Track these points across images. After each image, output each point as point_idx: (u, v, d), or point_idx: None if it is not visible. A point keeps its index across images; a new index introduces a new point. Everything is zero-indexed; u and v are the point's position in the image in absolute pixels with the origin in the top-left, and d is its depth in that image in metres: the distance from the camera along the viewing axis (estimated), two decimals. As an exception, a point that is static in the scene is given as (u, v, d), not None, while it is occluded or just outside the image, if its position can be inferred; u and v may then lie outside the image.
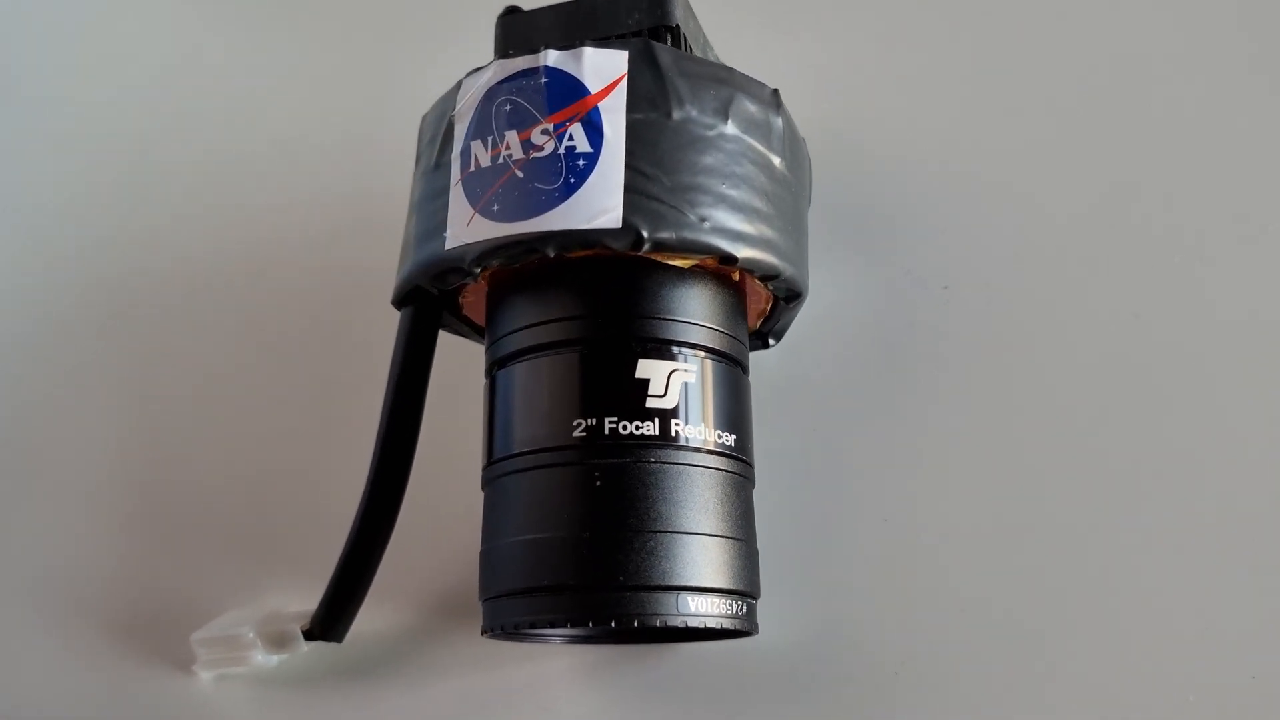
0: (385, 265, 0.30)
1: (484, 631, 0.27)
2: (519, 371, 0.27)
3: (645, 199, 0.26)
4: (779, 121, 0.29)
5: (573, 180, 0.26)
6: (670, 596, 0.25)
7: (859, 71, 0.34)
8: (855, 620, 0.30)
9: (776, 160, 0.28)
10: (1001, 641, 0.29)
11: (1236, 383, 0.30)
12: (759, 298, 0.30)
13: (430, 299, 0.29)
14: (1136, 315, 0.31)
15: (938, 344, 0.33)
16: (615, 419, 0.26)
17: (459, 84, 0.29)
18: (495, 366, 0.28)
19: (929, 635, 0.29)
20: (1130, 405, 0.31)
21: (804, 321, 0.32)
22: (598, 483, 0.26)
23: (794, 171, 0.29)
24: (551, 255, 0.26)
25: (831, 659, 0.30)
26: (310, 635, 0.31)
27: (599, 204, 0.26)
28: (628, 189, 0.26)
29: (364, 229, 0.38)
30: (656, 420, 0.26)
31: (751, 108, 0.28)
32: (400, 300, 0.30)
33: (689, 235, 0.26)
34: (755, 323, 0.31)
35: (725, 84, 0.28)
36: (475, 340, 0.33)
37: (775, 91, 0.29)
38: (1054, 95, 0.36)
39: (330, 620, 0.30)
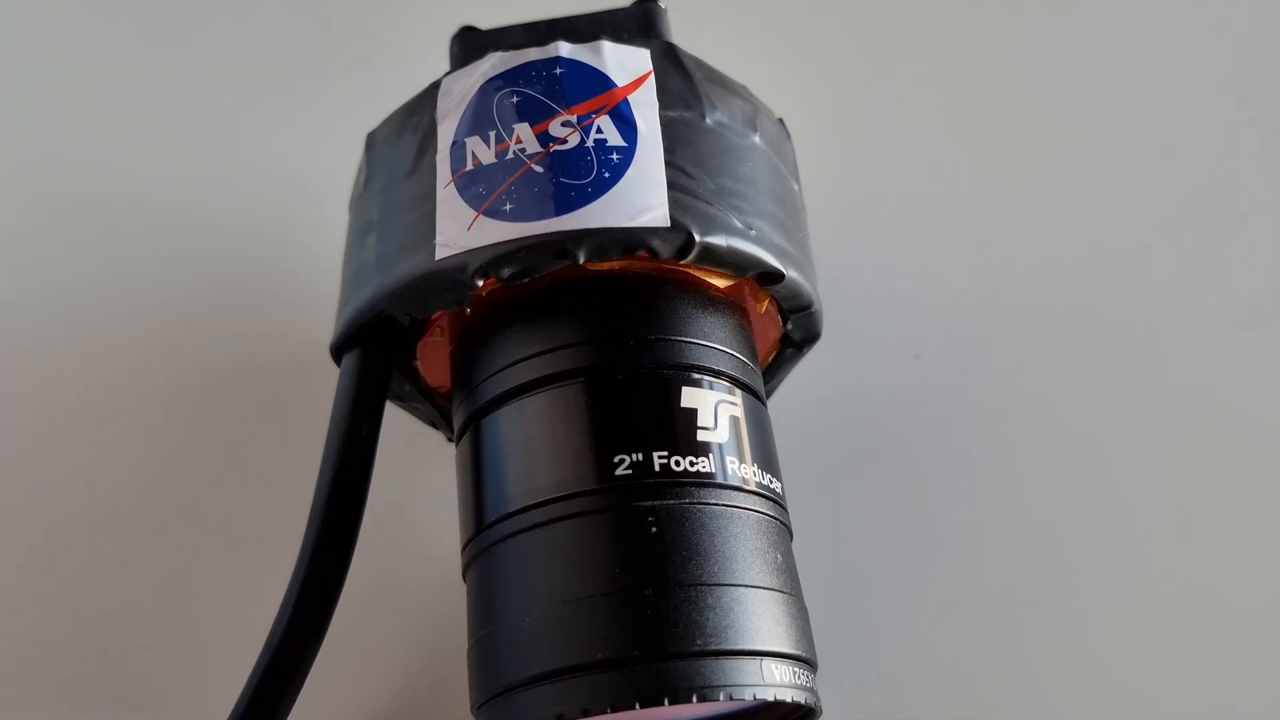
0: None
1: (489, 745, 0.21)
2: (527, 408, 0.22)
3: (691, 198, 0.22)
4: (790, 149, 0.27)
5: (607, 175, 0.22)
6: (754, 664, 0.20)
7: (825, 139, 0.33)
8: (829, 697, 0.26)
9: (795, 186, 0.26)
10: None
11: (1216, 443, 0.30)
12: (765, 341, 0.27)
13: (385, 341, 0.24)
14: (1113, 380, 0.31)
15: (910, 414, 0.31)
16: (665, 453, 0.21)
17: (434, 85, 0.25)
18: (484, 411, 0.23)
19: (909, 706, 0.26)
20: (1109, 470, 0.30)
21: (772, 396, 0.30)
22: (653, 529, 0.21)
23: (803, 204, 0.27)
24: (581, 260, 0.22)
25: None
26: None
27: (640, 200, 0.22)
28: (670, 186, 0.22)
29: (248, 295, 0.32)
30: (710, 457, 0.22)
31: (771, 127, 0.26)
32: (346, 343, 0.24)
33: (739, 244, 0.22)
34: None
35: (745, 98, 0.25)
36: (413, 406, 0.27)
37: (781, 120, 0.27)
38: (1024, 160, 0.36)
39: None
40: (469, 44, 0.26)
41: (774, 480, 0.23)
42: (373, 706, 0.26)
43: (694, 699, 0.19)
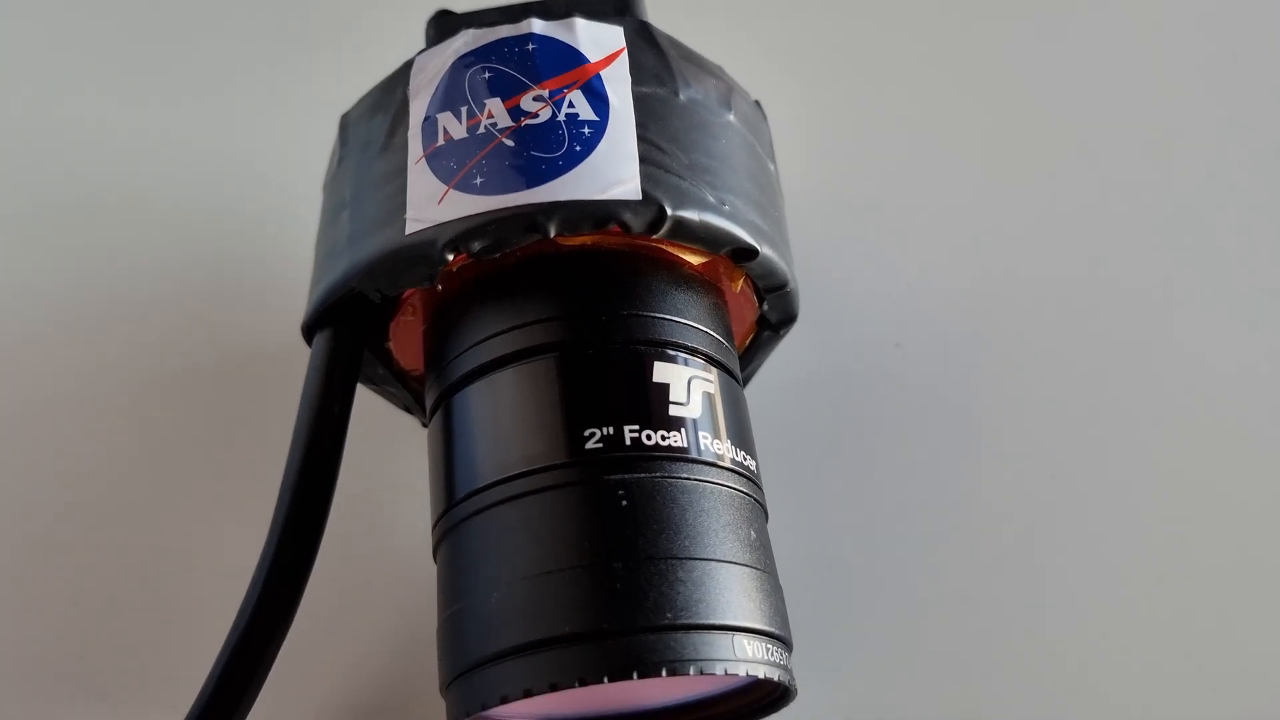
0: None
1: (454, 726, 0.20)
2: (499, 383, 0.22)
3: (664, 173, 0.22)
4: (767, 130, 0.27)
5: (579, 148, 0.22)
6: (725, 639, 0.20)
7: (807, 127, 0.33)
8: (804, 682, 0.25)
9: (771, 167, 0.26)
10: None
11: (1196, 435, 0.30)
12: (742, 323, 0.26)
13: (357, 319, 0.24)
14: (1093, 371, 0.31)
15: (890, 402, 0.30)
16: (637, 428, 0.21)
17: (407, 64, 0.25)
18: (455, 388, 0.23)
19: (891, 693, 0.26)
20: (1087, 460, 0.29)
21: (751, 381, 0.29)
22: (623, 502, 0.20)
23: (780, 185, 0.27)
24: (552, 234, 0.22)
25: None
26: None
27: (612, 173, 0.22)
28: (642, 160, 0.22)
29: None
30: (683, 431, 0.21)
31: (746, 107, 0.26)
32: (318, 321, 0.24)
33: (712, 219, 0.22)
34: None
35: (720, 78, 0.25)
36: (387, 390, 0.27)
37: (758, 103, 0.27)
38: (1006, 150, 0.36)
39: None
40: (444, 27, 0.26)
41: (749, 458, 0.23)
42: (342, 695, 0.26)
43: (663, 672, 0.19)
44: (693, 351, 0.23)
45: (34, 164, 0.38)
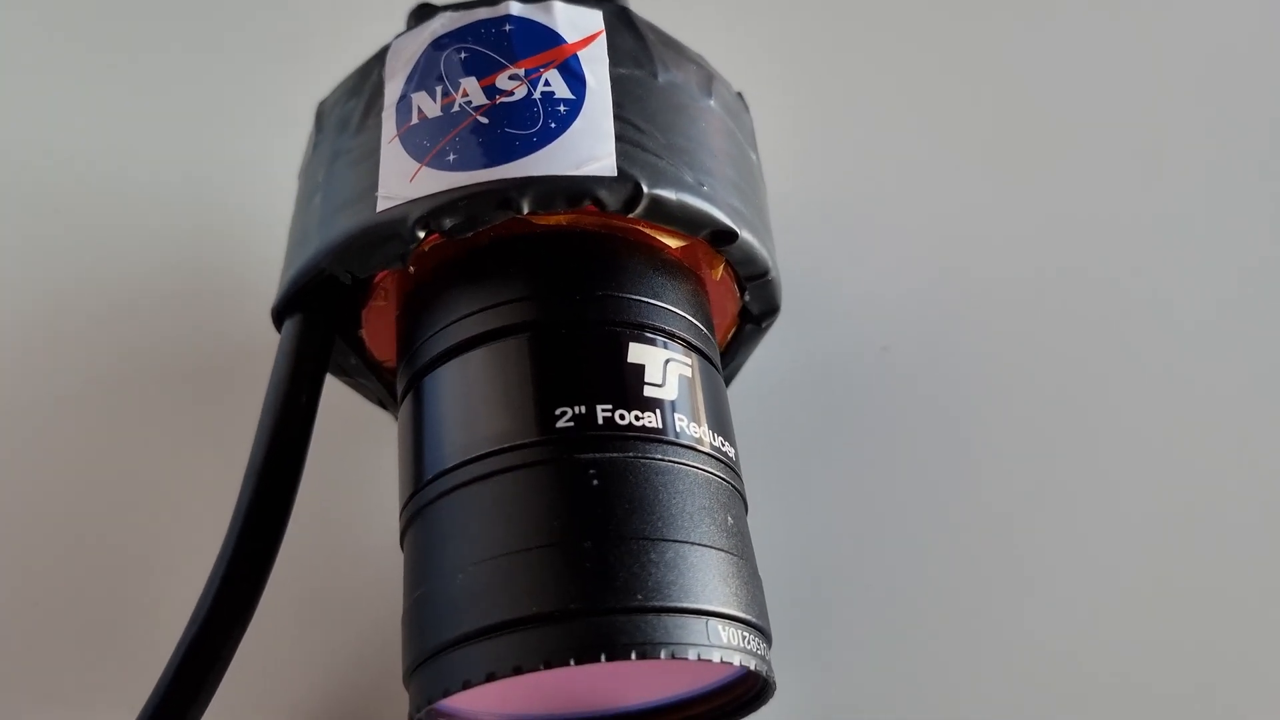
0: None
1: (415, 714, 0.20)
2: (469, 363, 0.21)
3: (640, 151, 0.22)
4: (749, 120, 0.26)
5: (553, 125, 0.22)
6: (699, 623, 0.19)
7: (795, 127, 0.33)
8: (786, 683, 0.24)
9: (753, 156, 0.26)
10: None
11: (1182, 435, 0.29)
12: (724, 315, 0.26)
13: (328, 303, 0.23)
14: (1079, 374, 0.30)
15: (877, 405, 0.30)
16: (610, 407, 0.20)
17: (384, 48, 0.24)
18: (427, 369, 0.22)
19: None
20: (1073, 463, 0.29)
21: (736, 381, 0.29)
22: (594, 481, 0.20)
23: (762, 176, 0.26)
24: (525, 211, 0.21)
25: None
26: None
27: (587, 150, 0.21)
28: (619, 138, 0.22)
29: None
30: (658, 412, 0.21)
31: (728, 95, 0.25)
32: (288, 305, 0.23)
33: (689, 199, 0.22)
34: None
35: (701, 65, 0.25)
36: (359, 383, 0.27)
37: (741, 95, 0.27)
38: (996, 152, 0.35)
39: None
40: (424, 17, 0.25)
41: (727, 444, 0.22)
42: (308, 699, 0.25)
43: (632, 655, 0.18)
44: (671, 335, 0.22)
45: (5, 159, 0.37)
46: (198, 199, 0.35)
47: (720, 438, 0.22)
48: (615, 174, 0.21)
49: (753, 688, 0.22)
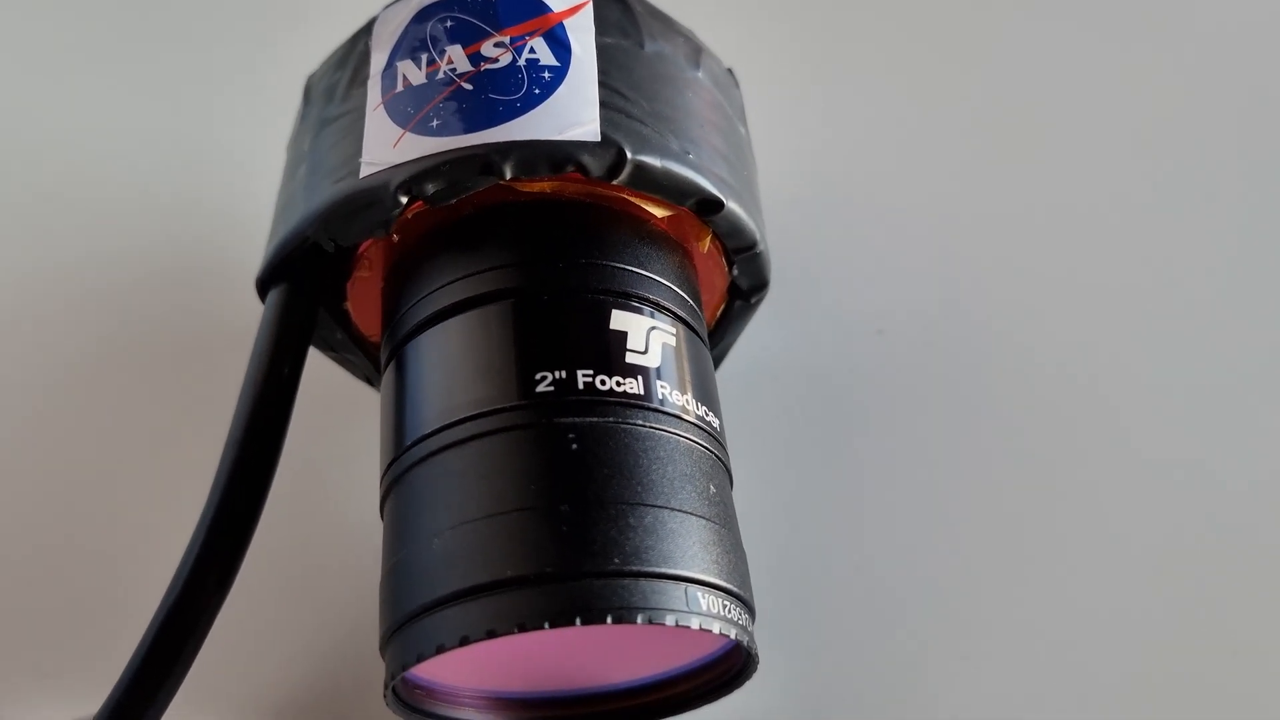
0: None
1: (391, 681, 0.19)
2: (450, 330, 0.21)
3: (625, 118, 0.22)
4: (738, 96, 0.26)
5: (538, 91, 0.21)
6: (678, 589, 0.19)
7: (790, 110, 0.32)
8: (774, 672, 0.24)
9: (742, 130, 0.25)
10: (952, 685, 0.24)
11: (1185, 423, 0.29)
12: (713, 291, 0.25)
13: (312, 273, 0.23)
14: (1075, 357, 0.30)
15: (871, 388, 0.29)
16: (590, 372, 0.20)
17: (371, 21, 0.24)
18: (408, 337, 0.22)
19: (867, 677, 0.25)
20: (1070, 447, 0.28)
21: (729, 365, 0.28)
22: (573, 445, 0.19)
23: (751, 151, 0.26)
24: (507, 175, 0.21)
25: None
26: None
27: (571, 115, 0.21)
28: (604, 105, 0.22)
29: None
30: (640, 379, 0.20)
31: (717, 69, 0.25)
32: (272, 275, 0.23)
33: (674, 167, 0.22)
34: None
35: (690, 39, 0.25)
36: (345, 359, 0.26)
37: (731, 71, 0.26)
38: (992, 135, 0.35)
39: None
40: None
41: (711, 415, 0.22)
42: (287, 677, 0.24)
43: (608, 619, 0.18)
44: (655, 305, 0.22)
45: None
46: (181, 177, 0.35)
47: (705, 408, 0.21)
48: (599, 139, 0.21)
49: (736, 664, 0.21)
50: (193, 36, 0.40)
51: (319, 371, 0.24)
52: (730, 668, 0.21)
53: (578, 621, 0.18)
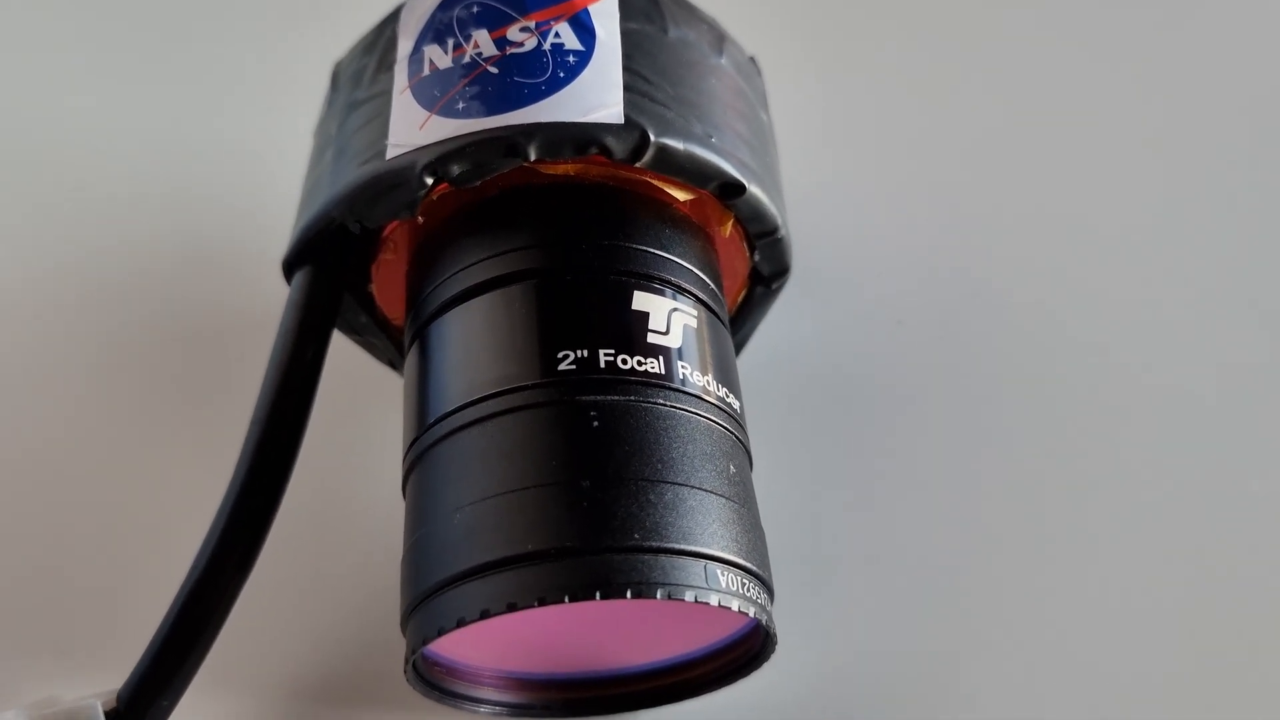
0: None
1: (411, 655, 0.19)
2: (473, 309, 0.21)
3: (649, 101, 0.22)
4: (761, 83, 0.26)
5: (562, 75, 0.22)
6: (697, 565, 0.19)
7: (811, 102, 0.33)
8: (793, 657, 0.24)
9: (764, 116, 0.26)
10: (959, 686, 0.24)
11: (1204, 415, 0.28)
12: (734, 277, 0.26)
13: (338, 255, 0.23)
14: (1094, 350, 0.29)
15: (891, 380, 0.29)
16: (612, 351, 0.20)
17: (398, 7, 0.25)
18: (435, 315, 0.22)
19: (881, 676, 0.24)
20: (1088, 439, 0.28)
21: (750, 356, 0.29)
22: (595, 423, 0.19)
23: (774, 136, 0.26)
24: (532, 157, 0.21)
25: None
26: (116, 716, 0.21)
27: (595, 98, 0.21)
28: (627, 89, 0.22)
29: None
30: (661, 359, 0.21)
31: (740, 56, 0.25)
32: (298, 257, 0.23)
33: (697, 150, 0.22)
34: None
35: (713, 26, 0.25)
36: (370, 342, 0.27)
37: (754, 59, 0.27)
38: (1012, 127, 0.35)
39: (146, 695, 0.21)
40: None
41: (731, 396, 0.22)
42: (311, 658, 0.24)
43: (628, 594, 0.18)
44: (677, 287, 0.22)
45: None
46: (206, 167, 0.36)
47: (725, 389, 0.22)
48: (622, 121, 0.21)
49: (754, 646, 0.21)
50: (215, 29, 0.41)
51: (342, 357, 0.25)
52: (749, 650, 0.22)
53: (597, 595, 0.18)
